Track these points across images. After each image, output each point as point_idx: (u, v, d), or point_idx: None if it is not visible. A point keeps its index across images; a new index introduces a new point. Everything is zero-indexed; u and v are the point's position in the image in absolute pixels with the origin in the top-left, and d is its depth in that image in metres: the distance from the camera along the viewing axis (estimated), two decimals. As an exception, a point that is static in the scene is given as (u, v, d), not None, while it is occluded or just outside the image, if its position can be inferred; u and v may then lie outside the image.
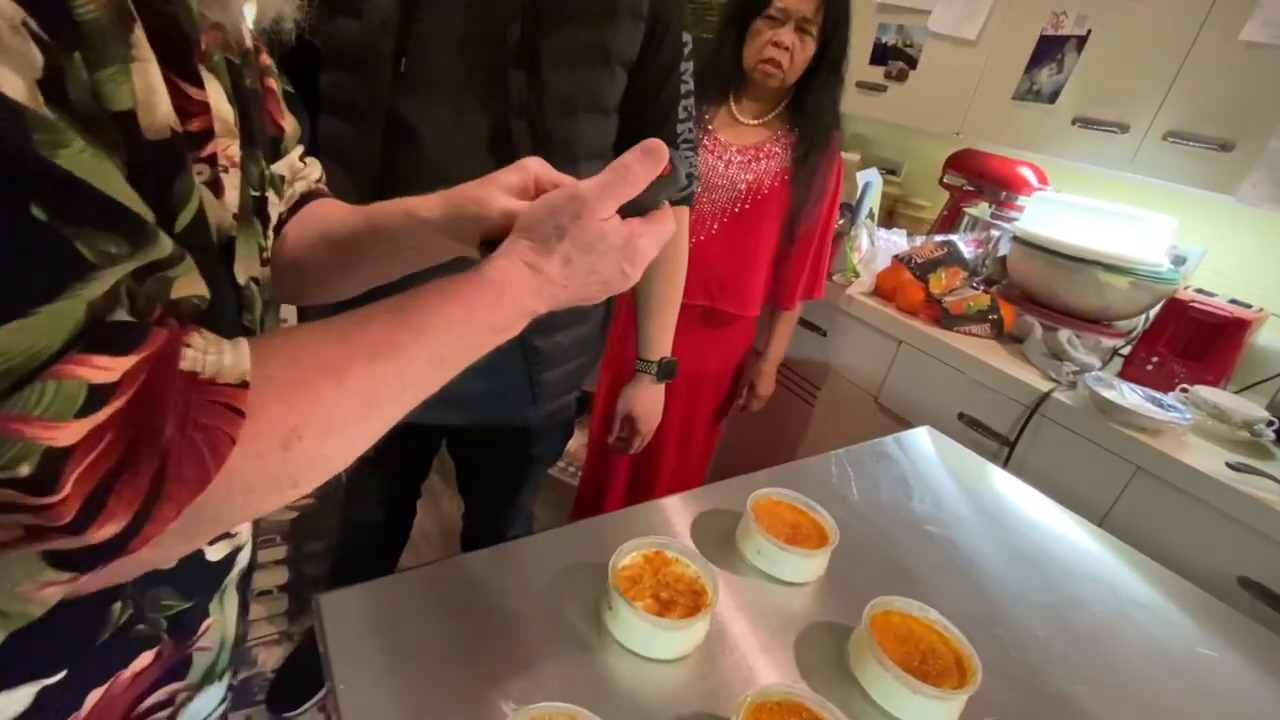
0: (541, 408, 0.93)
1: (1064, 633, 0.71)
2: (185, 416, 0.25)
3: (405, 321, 0.34)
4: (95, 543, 0.24)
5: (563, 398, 0.97)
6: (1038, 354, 1.42)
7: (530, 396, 0.89)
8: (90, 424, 0.22)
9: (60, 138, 0.22)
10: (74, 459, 0.22)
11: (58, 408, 0.22)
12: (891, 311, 1.59)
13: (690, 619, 0.58)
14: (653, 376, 1.03)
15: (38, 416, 0.21)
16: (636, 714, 0.53)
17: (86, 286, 0.23)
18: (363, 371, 0.32)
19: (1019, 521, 0.90)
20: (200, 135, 0.32)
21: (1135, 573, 0.84)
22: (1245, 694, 0.68)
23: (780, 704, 0.52)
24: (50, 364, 0.21)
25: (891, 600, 0.64)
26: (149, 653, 0.37)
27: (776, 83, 1.28)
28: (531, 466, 1.08)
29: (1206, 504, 1.11)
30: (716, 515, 0.79)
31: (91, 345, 0.22)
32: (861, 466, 0.94)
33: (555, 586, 0.65)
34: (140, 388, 0.24)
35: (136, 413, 0.23)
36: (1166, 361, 1.40)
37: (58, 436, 0.22)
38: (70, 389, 0.22)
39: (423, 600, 0.61)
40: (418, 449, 1.10)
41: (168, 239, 0.27)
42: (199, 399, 0.26)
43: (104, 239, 0.23)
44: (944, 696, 0.56)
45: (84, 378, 0.22)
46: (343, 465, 0.33)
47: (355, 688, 0.52)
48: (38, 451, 0.21)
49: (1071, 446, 1.27)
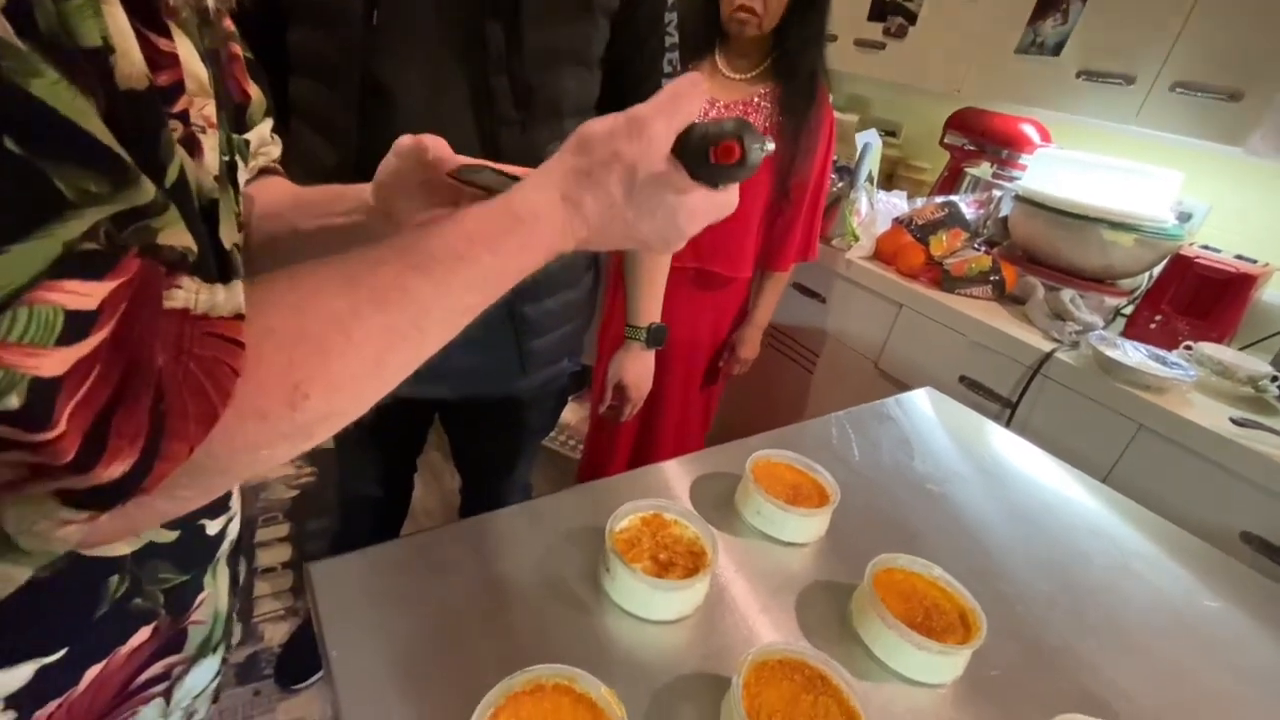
0: (531, 377, 0.91)
1: (1068, 587, 0.71)
2: (179, 348, 0.24)
3: (422, 267, 0.31)
4: (105, 481, 0.23)
5: (553, 366, 0.95)
6: (1040, 314, 1.40)
7: (519, 365, 0.88)
8: (75, 354, 0.22)
9: (32, 66, 0.21)
10: (64, 391, 0.21)
11: (35, 333, 0.21)
12: (892, 275, 1.56)
13: (689, 579, 0.57)
14: (642, 343, 1.01)
15: (15, 343, 0.20)
16: (636, 675, 0.52)
17: (64, 225, 0.21)
18: (374, 323, 0.29)
19: (1021, 479, 0.89)
20: (170, 90, 0.30)
21: (1138, 527, 0.83)
22: (1249, 645, 0.68)
23: (782, 662, 0.51)
24: (21, 293, 0.21)
25: (894, 558, 0.63)
26: (146, 628, 0.37)
27: (754, 30, 1.24)
28: (525, 436, 1.06)
29: (1210, 460, 1.10)
30: (715, 478, 0.78)
31: (62, 272, 0.21)
32: (862, 428, 0.93)
33: (552, 551, 0.64)
34: (123, 316, 0.23)
35: (123, 342, 0.23)
36: (1170, 319, 1.38)
37: (41, 365, 0.21)
38: (45, 314, 0.21)
39: (417, 567, 0.60)
40: (409, 423, 1.09)
41: (150, 184, 0.25)
42: (192, 331, 0.25)
43: (83, 176, 0.22)
44: (948, 651, 0.55)
45: (59, 303, 0.21)
46: (356, 416, 0.31)
47: (349, 654, 0.51)
48: (23, 381, 0.21)
49: (1074, 406, 1.26)
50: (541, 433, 1.09)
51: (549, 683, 0.46)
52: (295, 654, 1.37)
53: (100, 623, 0.34)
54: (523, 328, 0.84)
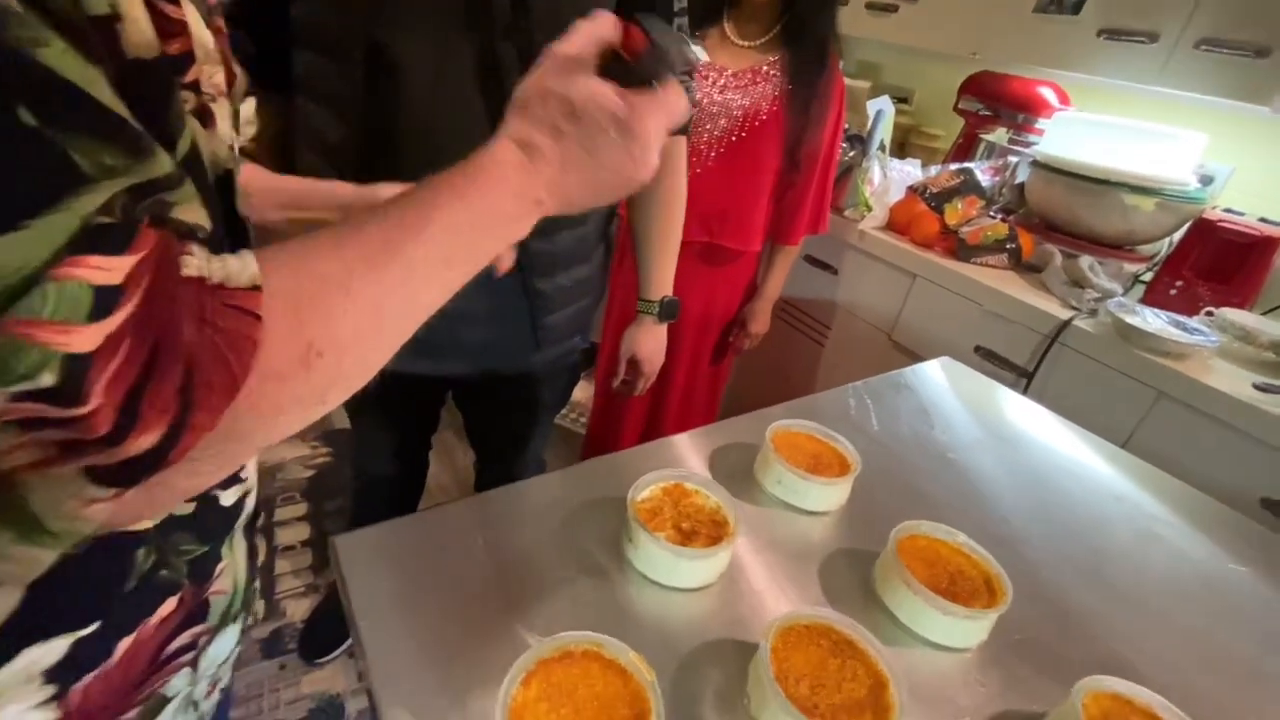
0: (545, 353, 0.91)
1: (1091, 552, 0.70)
2: (202, 319, 0.24)
3: (400, 222, 0.31)
4: (134, 455, 0.23)
5: (566, 342, 0.95)
6: (1057, 282, 1.38)
7: (534, 341, 0.87)
8: (106, 329, 0.22)
9: (39, 35, 0.20)
10: (96, 366, 0.21)
11: (66, 310, 0.21)
12: (905, 245, 1.54)
13: (713, 547, 0.57)
14: (654, 317, 1.01)
15: (48, 319, 0.20)
16: (661, 642, 0.53)
17: (79, 200, 0.21)
18: (366, 279, 0.29)
19: (1042, 446, 0.89)
20: (180, 59, 0.29)
21: (1161, 492, 0.83)
22: (1276, 609, 0.67)
23: (809, 627, 0.51)
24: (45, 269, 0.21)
25: (918, 524, 0.63)
26: (172, 599, 0.38)
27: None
28: (539, 413, 1.06)
29: (1231, 426, 1.09)
30: (733, 449, 0.77)
31: (83, 247, 0.21)
32: (880, 398, 0.92)
33: (572, 522, 0.64)
34: (148, 290, 0.23)
35: (150, 316, 0.23)
36: (1191, 285, 1.35)
37: (73, 342, 0.21)
38: (73, 290, 0.21)
39: (439, 538, 0.60)
40: (423, 401, 1.09)
41: (167, 156, 0.25)
42: (212, 303, 0.25)
43: (99, 149, 0.22)
44: (974, 616, 0.55)
45: (85, 279, 0.21)
46: (363, 381, 0.31)
47: (377, 624, 0.51)
48: (57, 359, 0.21)
49: (1092, 374, 1.25)
50: (555, 408, 1.09)
51: (577, 649, 0.47)
52: (317, 629, 1.39)
53: (130, 595, 0.35)
54: (537, 303, 0.84)
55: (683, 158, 0.94)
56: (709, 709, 0.49)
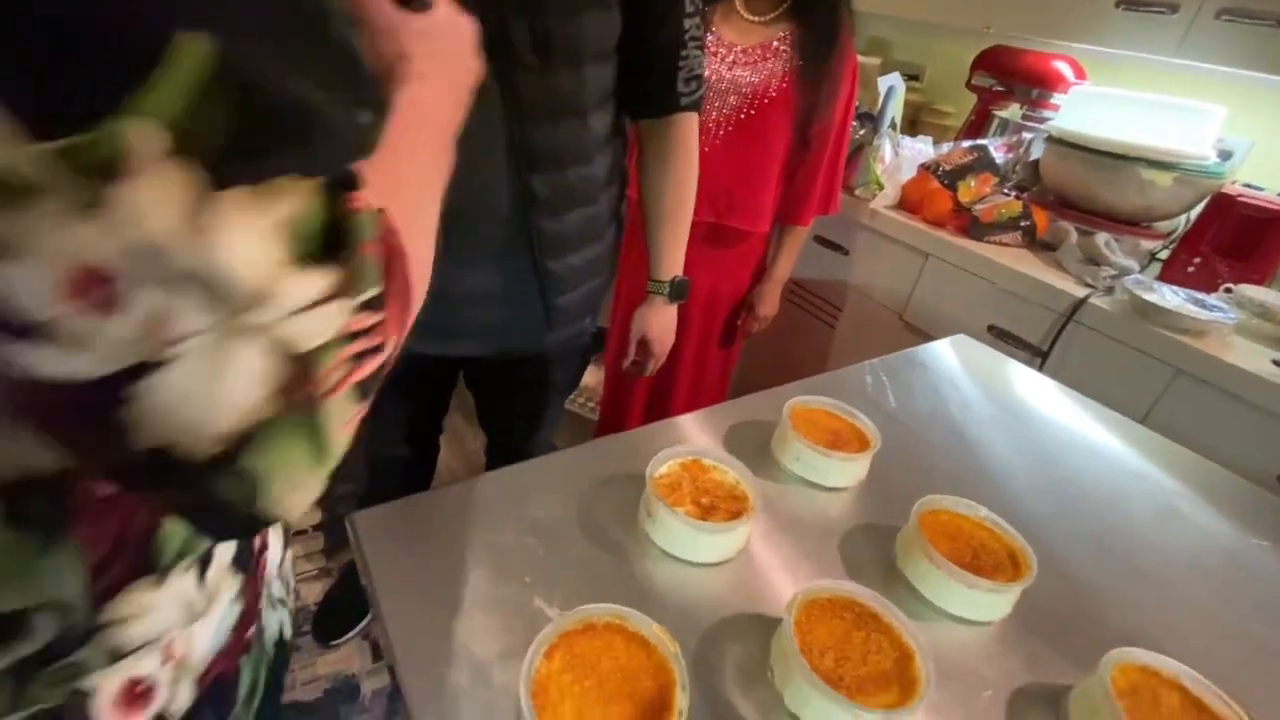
0: (557, 333, 0.90)
1: (1114, 528, 0.70)
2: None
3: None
4: (382, 363, 0.28)
5: (578, 323, 0.94)
6: (1072, 260, 1.36)
7: (545, 322, 0.86)
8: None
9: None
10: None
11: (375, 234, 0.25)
12: (918, 224, 1.52)
13: (732, 522, 0.57)
14: (665, 297, 0.99)
15: (368, 240, 0.25)
16: (683, 616, 0.52)
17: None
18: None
19: (1059, 422, 0.88)
20: None
21: (1180, 467, 0.82)
22: (1300, 581, 0.67)
23: (832, 600, 0.51)
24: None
25: (940, 499, 0.62)
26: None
27: None
28: (550, 395, 1.06)
29: (1249, 403, 1.08)
30: (748, 426, 0.77)
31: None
32: (896, 375, 0.91)
33: (588, 498, 0.63)
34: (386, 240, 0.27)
35: (390, 240, 0.27)
36: (1209, 261, 1.33)
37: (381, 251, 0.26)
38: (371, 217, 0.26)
39: (456, 514, 0.60)
40: (435, 382, 1.08)
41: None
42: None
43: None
44: (999, 589, 0.54)
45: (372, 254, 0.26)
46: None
47: (397, 600, 0.51)
48: (377, 270, 0.25)
49: (1107, 353, 1.23)
50: (566, 390, 1.09)
51: (600, 621, 0.46)
52: (331, 611, 1.40)
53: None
54: (548, 283, 0.83)
55: (694, 135, 0.93)
56: (732, 683, 0.48)
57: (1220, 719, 0.46)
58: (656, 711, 0.41)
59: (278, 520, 0.25)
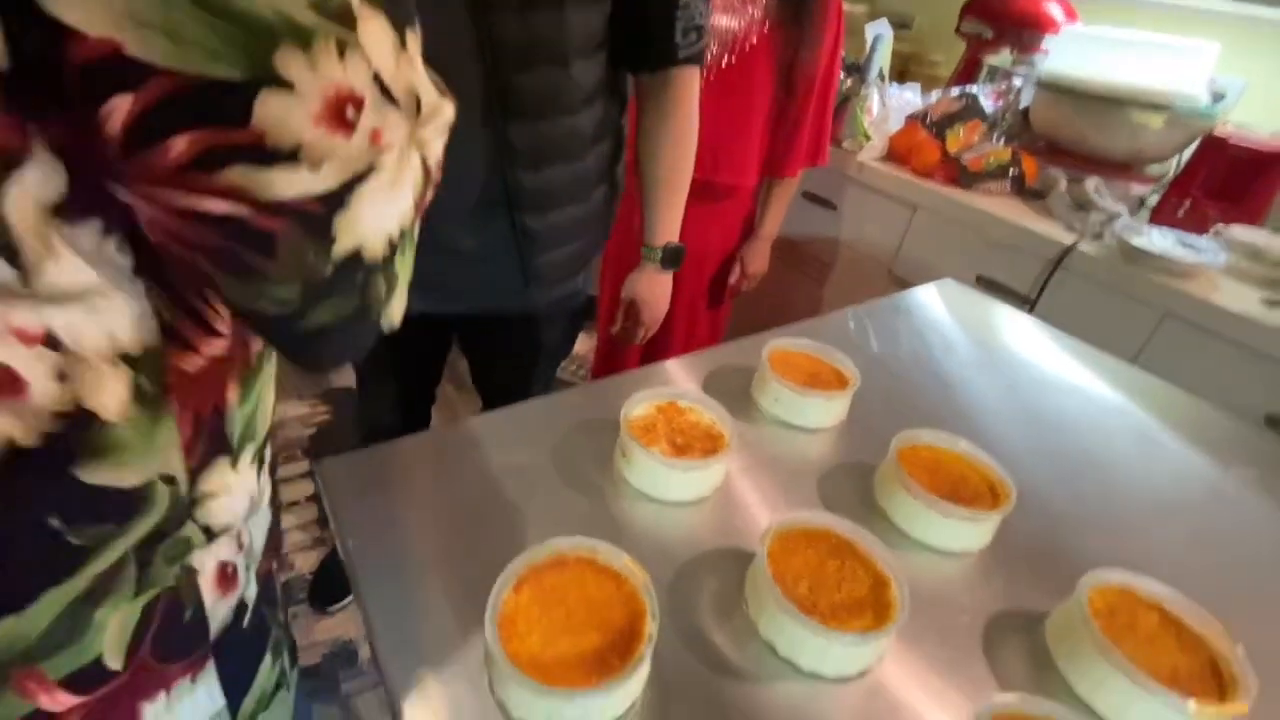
0: (541, 294, 0.88)
1: (1097, 462, 0.69)
2: None
3: None
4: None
5: (563, 285, 0.91)
6: (1061, 206, 1.34)
7: (523, 281, 0.84)
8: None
9: None
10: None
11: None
12: (906, 175, 1.49)
13: (707, 458, 0.56)
14: (657, 264, 0.96)
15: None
16: (657, 554, 0.52)
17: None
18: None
19: (1043, 361, 0.87)
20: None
21: (1167, 402, 0.81)
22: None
23: (807, 532, 0.50)
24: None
25: (918, 433, 0.61)
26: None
27: None
28: (539, 356, 1.04)
29: (1237, 344, 1.07)
30: (729, 371, 0.75)
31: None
32: (880, 320, 0.90)
33: (565, 442, 0.62)
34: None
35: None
36: (1200, 204, 1.31)
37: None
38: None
39: (426, 461, 0.59)
40: (428, 346, 1.06)
41: None
42: None
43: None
44: (977, 518, 0.54)
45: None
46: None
47: (364, 542, 0.50)
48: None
49: (1095, 299, 1.22)
50: (556, 353, 1.07)
51: (571, 555, 0.46)
52: (327, 579, 1.40)
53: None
54: (525, 241, 0.80)
55: (694, 92, 0.88)
56: (707, 615, 0.48)
57: (1199, 636, 0.46)
58: (626, 640, 0.41)
59: (389, 328, 0.31)
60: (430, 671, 0.42)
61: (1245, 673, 0.43)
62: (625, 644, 0.41)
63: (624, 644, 0.41)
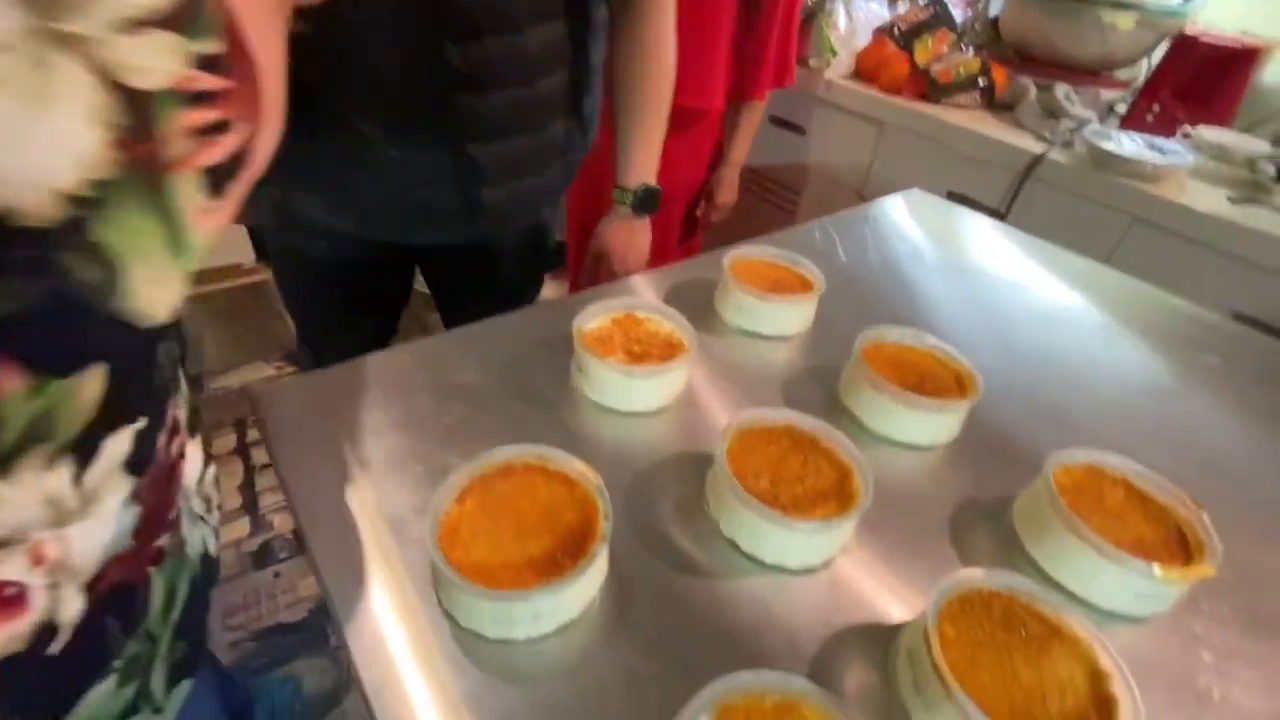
0: (490, 229, 0.82)
1: (1065, 353, 0.68)
2: None
3: None
4: (236, 151, 0.29)
5: (518, 221, 0.85)
6: (1031, 116, 1.30)
7: (464, 214, 0.78)
8: None
9: None
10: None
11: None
12: (874, 92, 1.44)
13: (666, 364, 0.53)
14: (629, 208, 0.87)
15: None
16: (616, 462, 0.49)
17: None
18: None
19: (1014, 264, 0.85)
20: None
21: (1134, 296, 0.80)
22: (1251, 396, 0.66)
23: (770, 429, 0.48)
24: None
25: (885, 330, 0.59)
26: (171, 402, 0.38)
27: None
28: (499, 293, 0.99)
29: (1203, 244, 1.07)
30: (690, 285, 0.72)
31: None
32: (847, 230, 0.87)
33: (516, 361, 0.59)
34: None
35: None
36: (1169, 108, 1.29)
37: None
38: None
39: (369, 385, 0.55)
40: (384, 281, 0.99)
41: None
42: None
43: None
44: (944, 408, 0.52)
45: None
46: None
47: (302, 468, 0.47)
48: (215, 23, 0.25)
49: (1065, 208, 1.20)
50: (521, 294, 1.01)
51: (519, 463, 0.43)
52: None
53: (154, 392, 0.35)
54: (465, 169, 0.74)
55: (670, 14, 0.78)
56: (668, 519, 0.46)
57: (1164, 508, 0.45)
58: (579, 541, 0.39)
59: (142, 318, 0.24)
60: (377, 591, 0.40)
61: (1211, 538, 0.42)
62: (578, 544, 0.39)
63: (576, 545, 0.39)
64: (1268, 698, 0.39)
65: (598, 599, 0.40)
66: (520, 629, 0.37)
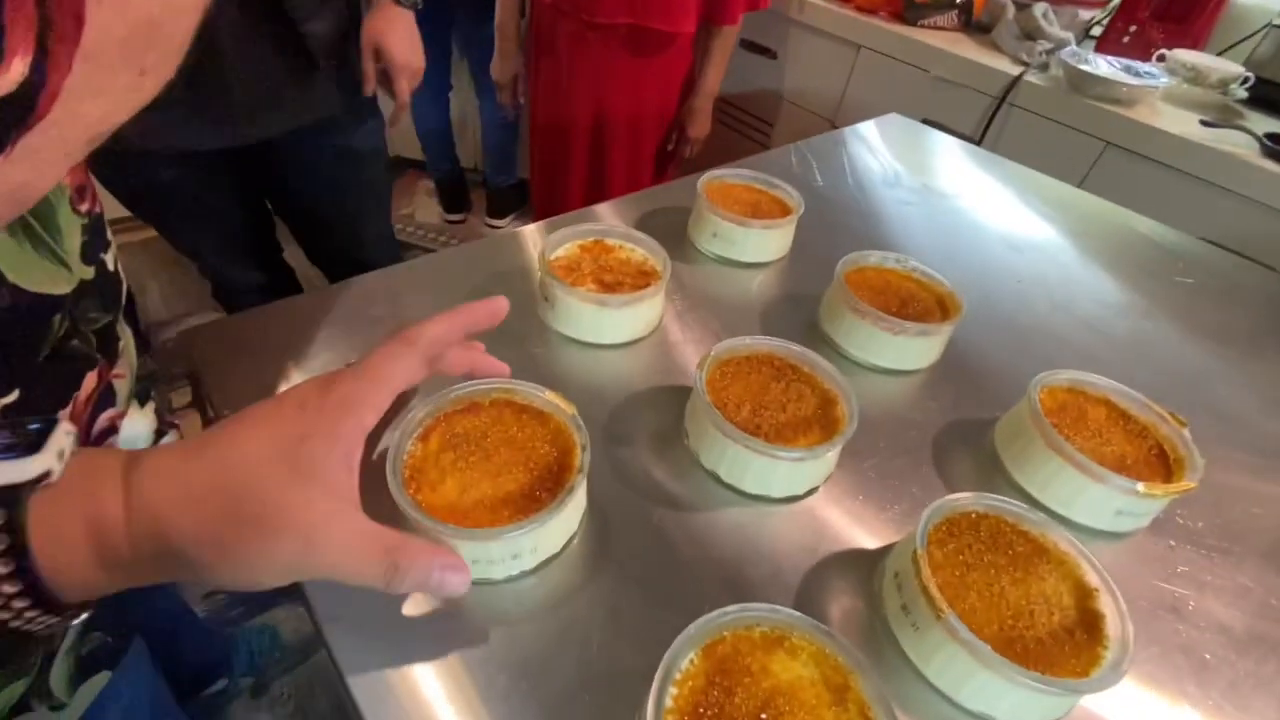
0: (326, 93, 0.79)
1: (1043, 276, 0.67)
2: None
3: None
4: (8, 91, 0.18)
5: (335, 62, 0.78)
6: (1009, 37, 1.26)
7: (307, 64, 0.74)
8: None
9: None
10: None
11: None
12: (849, 12, 1.37)
13: (640, 292, 0.50)
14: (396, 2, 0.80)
15: None
16: (588, 396, 0.47)
17: None
18: None
19: (991, 187, 0.83)
20: None
21: (1108, 219, 0.79)
22: (1225, 312, 0.66)
23: (750, 357, 0.46)
24: None
25: (865, 255, 0.57)
26: (91, 374, 0.35)
27: None
28: (356, 165, 0.92)
29: (1175, 169, 1.06)
30: (663, 212, 0.68)
31: None
32: (824, 155, 0.83)
33: (478, 293, 0.55)
34: None
35: None
36: (1145, 29, 1.26)
37: None
38: None
39: (311, 323, 0.50)
40: (236, 190, 0.92)
41: None
42: None
43: None
44: (927, 331, 0.50)
45: None
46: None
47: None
48: None
49: (1039, 133, 1.18)
50: (376, 162, 0.96)
51: (485, 399, 0.40)
52: None
53: (47, 365, 0.32)
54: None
55: None
56: (645, 454, 0.44)
57: (1146, 426, 0.45)
58: (555, 475, 0.36)
59: None
60: (334, 534, 0.37)
61: (1193, 453, 0.42)
62: (554, 479, 0.36)
63: (553, 479, 0.36)
64: (1238, 605, 0.40)
65: (577, 535, 0.38)
66: (499, 569, 0.35)
